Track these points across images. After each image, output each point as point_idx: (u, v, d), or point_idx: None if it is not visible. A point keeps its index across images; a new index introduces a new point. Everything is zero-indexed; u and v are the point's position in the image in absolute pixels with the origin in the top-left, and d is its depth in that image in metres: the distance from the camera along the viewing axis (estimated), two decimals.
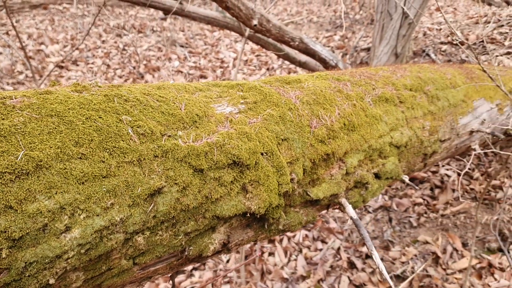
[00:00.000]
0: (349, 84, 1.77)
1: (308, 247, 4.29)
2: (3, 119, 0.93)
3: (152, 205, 1.06)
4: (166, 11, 4.20)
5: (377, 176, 1.77)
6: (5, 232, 0.84)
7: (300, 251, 4.25)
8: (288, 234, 4.45)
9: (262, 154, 1.30)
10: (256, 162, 1.26)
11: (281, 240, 4.38)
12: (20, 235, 0.85)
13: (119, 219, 0.99)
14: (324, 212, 1.67)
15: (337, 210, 4.61)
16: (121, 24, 10.90)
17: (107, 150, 1.02)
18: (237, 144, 1.22)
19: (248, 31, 3.69)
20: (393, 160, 1.80)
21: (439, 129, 2.06)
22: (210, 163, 1.17)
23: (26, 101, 1.00)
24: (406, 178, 1.86)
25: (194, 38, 10.16)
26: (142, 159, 1.07)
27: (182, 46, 9.56)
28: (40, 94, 1.05)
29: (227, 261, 4.22)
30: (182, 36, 10.17)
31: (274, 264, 4.11)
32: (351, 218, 1.55)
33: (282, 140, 1.38)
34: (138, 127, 1.10)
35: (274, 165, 1.31)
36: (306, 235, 4.41)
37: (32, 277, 0.89)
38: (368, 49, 7.27)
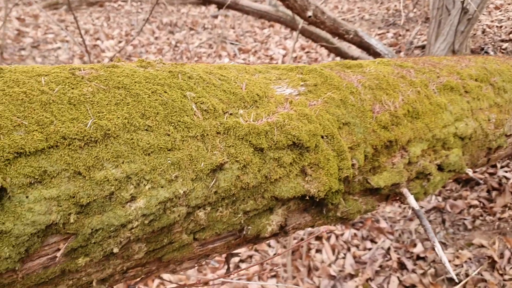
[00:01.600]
0: (412, 71, 1.72)
1: (357, 246, 4.21)
2: (72, 88, 0.95)
3: (214, 181, 1.05)
4: (220, 4, 4.24)
5: (439, 168, 1.70)
6: (74, 197, 0.85)
7: (348, 249, 4.18)
8: (336, 232, 4.38)
9: (322, 137, 1.27)
10: (316, 144, 1.24)
11: (328, 238, 4.32)
12: (88, 201, 0.87)
13: (182, 192, 0.99)
14: (383, 203, 1.62)
15: (388, 209, 4.51)
16: (174, 21, 11.11)
17: (172, 124, 1.03)
18: (297, 125, 1.21)
19: (301, 24, 3.66)
20: (456, 152, 1.73)
21: (505, 122, 1.96)
22: (270, 143, 1.15)
23: (94, 73, 1.02)
24: (470, 172, 1.78)
25: (244, 35, 10.21)
26: (205, 134, 1.07)
27: (232, 43, 9.63)
28: (107, 68, 1.06)
29: (274, 255, 4.20)
30: (232, 33, 10.25)
31: (321, 261, 4.06)
32: (413, 209, 1.49)
33: (343, 124, 1.35)
34: (201, 104, 1.10)
35: (334, 149, 1.28)
36: (355, 234, 4.33)
37: (97, 244, 0.91)
38: (422, 47, 7.07)
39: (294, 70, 1.49)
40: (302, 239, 4.30)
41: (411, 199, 1.48)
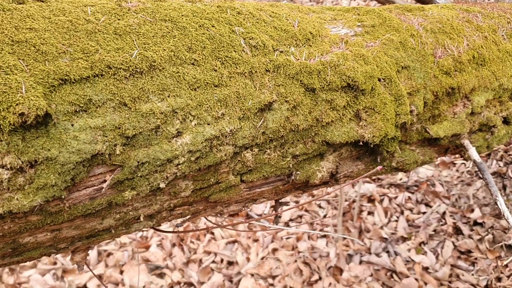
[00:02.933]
0: (479, 16, 1.58)
1: (411, 210, 4.09)
2: (118, 19, 0.93)
3: (261, 121, 1.01)
4: None
5: (505, 121, 1.58)
6: (120, 128, 0.84)
7: (402, 212, 4.08)
8: (390, 195, 4.28)
9: (379, 80, 1.19)
10: (372, 87, 1.16)
11: (381, 200, 4.22)
12: (134, 133, 0.85)
13: (229, 130, 0.96)
14: (442, 157, 1.52)
15: (445, 173, 4.34)
16: None
17: (219, 59, 0.98)
18: (352, 66, 1.13)
19: None
20: None
21: None
22: (322, 83, 1.09)
23: (140, 5, 0.99)
24: None
25: None
26: (253, 71, 1.02)
27: None
28: (154, 1, 1.03)
29: (324, 216, 4.17)
30: None
31: (373, 223, 3.99)
32: (474, 161, 1.40)
33: (402, 68, 1.26)
34: (250, 39, 1.05)
35: (392, 93, 1.20)
36: (409, 197, 4.21)
37: (143, 178, 0.89)
38: None
39: (350, 11, 1.40)
40: (354, 201, 4.24)
41: (472, 151, 1.38)
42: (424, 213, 4.02)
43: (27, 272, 3.63)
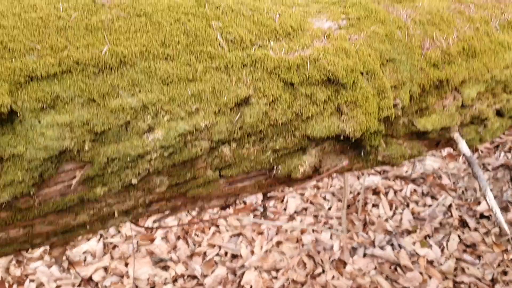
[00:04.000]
0: (472, 6, 1.55)
1: (416, 202, 4.06)
2: (91, 15, 0.93)
3: (238, 115, 1.01)
4: None
5: (499, 113, 1.55)
6: (88, 124, 0.84)
7: (407, 205, 4.05)
8: (395, 187, 4.25)
9: (362, 73, 1.17)
10: (354, 81, 1.15)
11: (386, 193, 4.20)
12: (103, 129, 0.85)
13: (204, 125, 0.96)
14: (433, 150, 1.51)
15: (451, 165, 4.29)
16: None
17: (194, 54, 0.98)
18: (333, 60, 1.12)
19: None
20: None
21: None
22: (302, 78, 1.08)
23: (115, 1, 0.98)
24: None
25: None
26: (230, 66, 1.01)
27: None
28: None
29: (329, 208, 4.16)
30: None
31: (377, 216, 3.97)
32: (464, 154, 1.38)
33: (387, 60, 1.24)
34: (227, 34, 1.04)
35: (375, 86, 1.18)
36: (415, 190, 4.18)
37: (114, 174, 0.90)
38: None
39: (336, 4, 1.38)
40: (358, 193, 4.22)
41: (462, 144, 1.36)
42: (430, 206, 3.99)
43: (33, 264, 3.69)
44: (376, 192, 4.23)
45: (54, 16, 0.89)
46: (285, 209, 4.27)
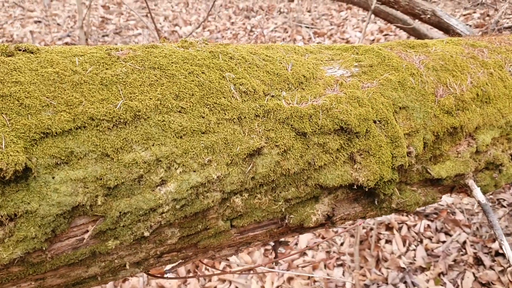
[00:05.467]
0: (485, 51, 1.55)
1: (430, 238, 3.99)
2: (106, 69, 0.94)
3: (250, 166, 1.00)
4: None
5: None
6: (101, 179, 0.84)
7: (421, 241, 3.98)
8: (408, 223, 4.19)
9: (375, 122, 1.17)
10: (367, 130, 1.14)
11: (400, 228, 4.14)
12: (115, 183, 0.85)
13: (216, 177, 0.95)
14: (447, 195, 1.49)
15: (465, 201, 4.23)
16: (250, 6, 11.11)
17: (208, 106, 0.99)
18: (346, 109, 1.12)
19: (374, 5, 3.48)
20: None
21: None
22: (314, 127, 1.08)
23: (131, 53, 1.00)
24: None
25: (320, 18, 9.99)
26: (242, 117, 1.02)
27: (307, 27, 9.47)
28: (146, 48, 1.04)
29: (341, 244, 4.10)
30: (308, 17, 10.06)
31: (391, 252, 3.90)
32: (479, 202, 1.36)
33: (400, 108, 1.24)
34: (240, 85, 1.05)
35: (388, 135, 1.18)
36: (428, 225, 4.11)
37: (126, 227, 0.89)
38: None
39: (349, 50, 1.39)
40: (371, 229, 4.16)
41: (477, 191, 1.34)
42: (443, 242, 3.92)
43: None
44: (389, 227, 4.17)
45: (70, 70, 0.90)
46: (296, 244, 4.22)
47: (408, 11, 3.44)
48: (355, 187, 1.16)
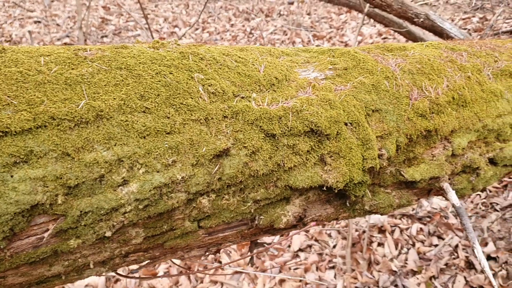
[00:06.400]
0: (465, 55, 1.55)
1: (422, 242, 3.99)
2: (72, 68, 0.95)
3: (217, 167, 1.01)
4: None
5: (492, 161, 1.53)
6: (61, 178, 0.84)
7: (413, 244, 3.97)
8: (401, 226, 4.18)
9: (346, 124, 1.18)
10: (338, 132, 1.15)
11: (392, 231, 4.13)
12: (76, 183, 0.86)
13: (180, 177, 0.96)
14: (424, 198, 1.49)
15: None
16: (250, 8, 11.12)
17: (174, 106, 0.99)
18: (316, 111, 1.12)
19: (366, 8, 3.48)
20: None
21: None
22: (283, 129, 1.08)
23: (99, 54, 1.01)
24: None
25: (320, 21, 10.00)
26: (210, 118, 1.02)
27: (307, 30, 9.47)
28: (115, 48, 1.05)
29: (334, 246, 4.10)
30: (307, 20, 10.07)
31: (383, 255, 3.89)
32: (453, 205, 1.36)
33: (373, 111, 1.24)
34: (209, 86, 1.06)
35: (359, 137, 1.18)
36: (421, 229, 4.11)
37: (88, 227, 0.90)
38: (511, 32, 6.50)
39: (325, 53, 1.40)
40: (364, 231, 4.15)
41: (451, 194, 1.34)
42: (436, 245, 3.91)
43: None
44: (382, 230, 4.16)
45: (35, 70, 0.91)
46: (289, 246, 4.22)
47: (401, 14, 3.44)
48: (324, 188, 1.16)
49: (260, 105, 1.10)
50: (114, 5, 10.96)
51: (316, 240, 4.27)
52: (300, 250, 4.20)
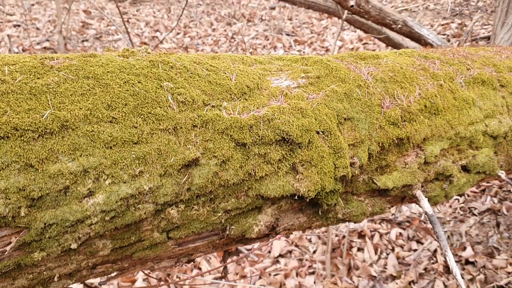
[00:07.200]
0: (437, 63, 1.57)
1: (402, 246, 4.02)
2: (38, 78, 0.93)
3: (186, 177, 1.00)
4: None
5: (465, 169, 1.54)
6: (24, 190, 0.83)
7: (392, 249, 4.00)
8: (381, 230, 4.21)
9: (318, 132, 1.18)
10: (309, 140, 1.15)
11: (372, 236, 4.16)
12: (40, 195, 0.84)
13: (148, 188, 0.95)
14: (398, 205, 1.50)
15: (436, 209, 4.26)
16: (232, 13, 11.13)
17: (141, 116, 0.98)
18: (288, 120, 1.12)
19: (345, 14, 3.51)
20: (486, 152, 1.56)
21: None
22: (254, 138, 1.08)
23: (66, 63, 0.99)
24: (502, 174, 1.61)
25: (301, 26, 10.05)
26: (178, 127, 1.01)
27: (288, 35, 9.52)
28: (83, 57, 1.03)
29: (314, 252, 4.10)
30: (289, 25, 10.12)
31: (362, 260, 3.91)
32: (426, 213, 1.36)
33: (345, 119, 1.25)
34: (179, 95, 1.05)
35: (331, 145, 1.18)
36: (400, 234, 4.14)
37: (52, 239, 0.88)
38: (488, 38, 6.62)
39: (298, 62, 1.40)
40: (344, 237, 4.17)
41: (424, 202, 1.35)
42: (415, 250, 3.94)
43: None
44: (361, 235, 4.18)
45: None
46: (269, 252, 4.22)
47: (379, 21, 3.47)
48: (296, 197, 1.16)
49: (231, 114, 1.09)
50: (95, 9, 10.87)
51: (296, 246, 4.27)
52: (281, 255, 4.20)
